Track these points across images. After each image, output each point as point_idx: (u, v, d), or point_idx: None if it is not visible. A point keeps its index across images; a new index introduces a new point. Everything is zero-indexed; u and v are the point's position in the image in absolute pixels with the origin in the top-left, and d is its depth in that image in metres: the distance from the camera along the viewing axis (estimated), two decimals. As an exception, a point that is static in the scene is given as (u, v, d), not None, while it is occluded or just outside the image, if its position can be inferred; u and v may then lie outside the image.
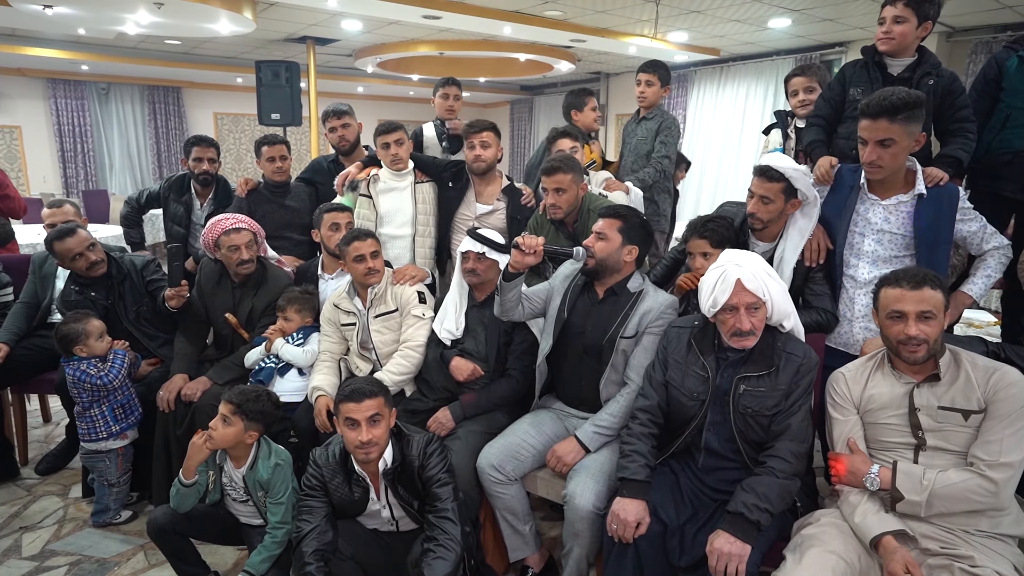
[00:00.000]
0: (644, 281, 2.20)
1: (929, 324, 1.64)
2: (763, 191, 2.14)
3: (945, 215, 2.10)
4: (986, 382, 1.63)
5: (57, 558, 2.48)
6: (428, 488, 1.88)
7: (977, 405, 1.62)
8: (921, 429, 1.67)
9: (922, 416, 1.67)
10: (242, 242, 2.67)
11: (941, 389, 1.67)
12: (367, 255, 2.50)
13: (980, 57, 6.14)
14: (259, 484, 2.08)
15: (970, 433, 1.63)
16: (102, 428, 2.54)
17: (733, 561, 1.63)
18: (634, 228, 2.14)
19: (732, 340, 1.80)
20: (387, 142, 2.89)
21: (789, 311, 1.83)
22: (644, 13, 6.02)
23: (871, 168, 2.07)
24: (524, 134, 12.63)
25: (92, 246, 2.77)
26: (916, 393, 1.69)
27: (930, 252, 2.10)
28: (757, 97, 8.22)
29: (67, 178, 9.69)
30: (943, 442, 1.65)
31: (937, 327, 1.65)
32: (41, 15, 5.43)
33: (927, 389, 1.68)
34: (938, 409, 1.65)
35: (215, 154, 3.51)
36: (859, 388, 1.79)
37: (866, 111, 2.02)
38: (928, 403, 1.67)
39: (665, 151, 3.43)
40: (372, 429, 1.81)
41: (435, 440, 1.96)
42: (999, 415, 1.59)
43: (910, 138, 2.00)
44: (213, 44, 7.69)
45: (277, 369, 2.61)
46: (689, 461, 1.94)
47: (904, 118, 1.96)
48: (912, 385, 1.70)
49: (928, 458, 1.66)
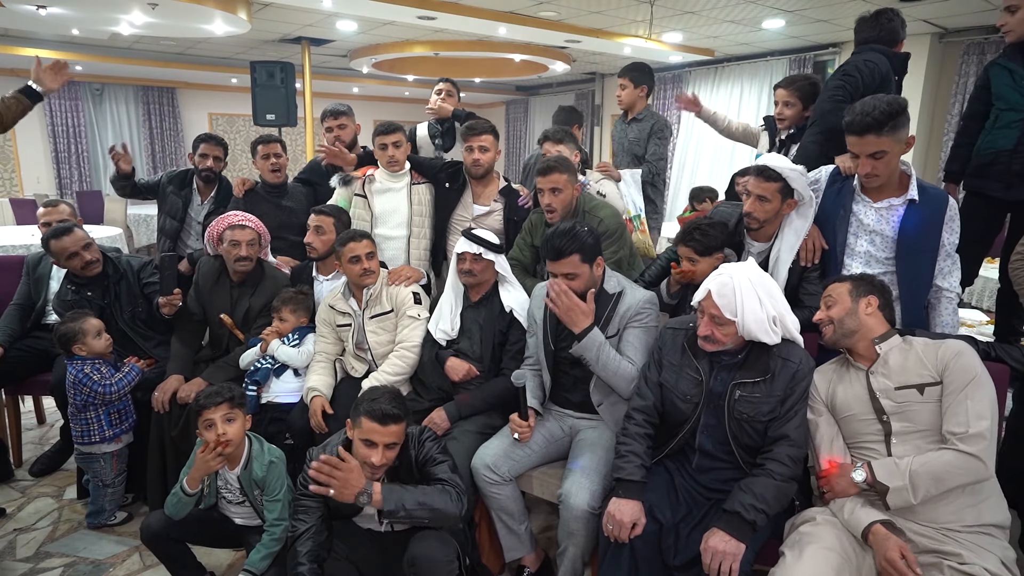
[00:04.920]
0: (620, 279, 2.21)
1: (830, 309, 1.83)
2: (760, 190, 2.15)
3: (933, 222, 2.09)
4: (935, 356, 1.69)
5: (52, 559, 2.47)
6: (425, 470, 1.88)
7: (930, 378, 1.67)
8: (885, 413, 1.71)
9: (882, 400, 1.72)
10: (244, 239, 2.69)
11: (894, 371, 1.73)
12: (362, 256, 2.50)
13: (972, 58, 6.18)
14: (255, 483, 2.08)
15: (931, 407, 1.66)
16: (96, 432, 2.54)
17: (727, 560, 1.63)
18: (588, 247, 2.07)
19: (699, 340, 1.86)
20: (385, 143, 2.89)
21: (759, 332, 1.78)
22: (638, 14, 6.04)
23: (867, 179, 2.09)
24: (520, 134, 12.63)
25: (88, 245, 2.77)
26: (872, 379, 1.75)
27: (912, 257, 2.09)
28: (751, 98, 8.23)
29: (61, 179, 9.66)
30: (908, 423, 1.69)
31: (837, 308, 1.81)
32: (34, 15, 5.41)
33: (880, 374, 1.75)
34: (895, 390, 1.71)
35: (221, 153, 3.52)
36: (825, 385, 1.85)
37: (851, 128, 2.02)
38: (884, 386, 1.73)
39: (660, 152, 3.57)
40: (387, 453, 1.80)
41: (427, 430, 1.99)
42: (955, 387, 1.63)
43: (900, 144, 2.01)
44: (208, 44, 7.67)
45: (273, 370, 2.62)
46: (684, 461, 1.95)
47: (891, 128, 1.96)
48: (864, 371, 1.77)
49: (900, 442, 1.69)
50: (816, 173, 2.32)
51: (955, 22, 6.05)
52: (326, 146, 3.11)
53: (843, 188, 2.20)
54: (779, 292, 1.85)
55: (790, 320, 1.84)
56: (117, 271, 2.87)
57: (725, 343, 1.82)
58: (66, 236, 2.72)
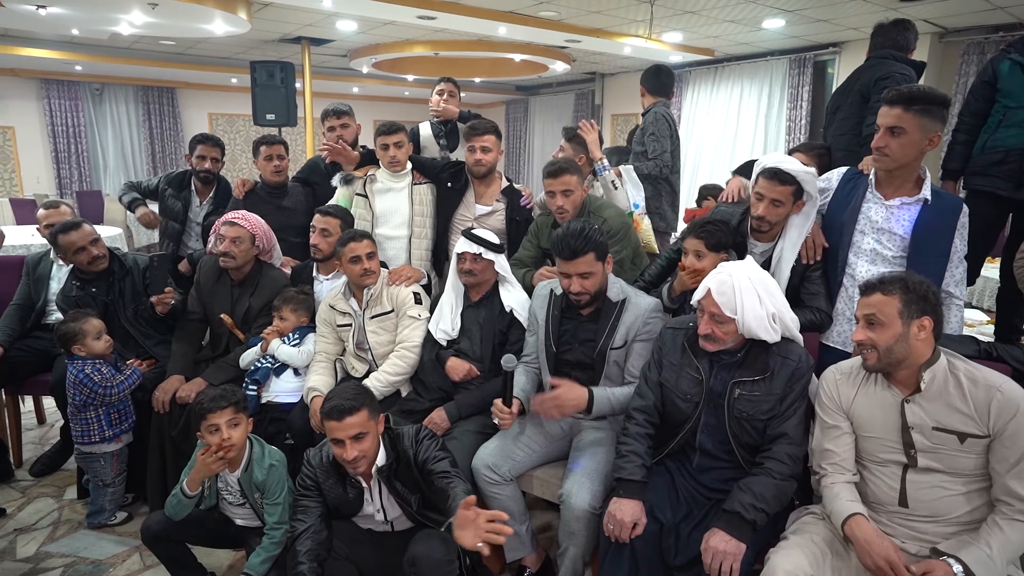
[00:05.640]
0: (622, 286, 2.20)
1: (874, 330, 1.58)
2: (776, 194, 2.11)
3: (945, 225, 2.06)
4: (987, 406, 1.51)
5: (52, 560, 2.47)
6: (426, 468, 1.88)
7: (976, 429, 1.52)
8: (914, 448, 1.58)
9: (915, 435, 1.58)
10: (229, 235, 2.70)
11: (935, 406, 1.57)
12: (363, 256, 2.50)
13: (972, 58, 6.17)
14: (255, 486, 2.08)
15: (969, 457, 1.54)
16: (95, 432, 2.54)
17: (728, 559, 1.63)
18: (601, 245, 2.10)
19: (700, 339, 1.85)
20: (386, 143, 2.88)
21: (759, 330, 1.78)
22: (639, 14, 6.03)
23: (878, 155, 2.05)
24: (520, 134, 12.63)
25: (95, 241, 2.82)
26: (908, 409, 1.60)
27: (923, 258, 2.06)
28: (752, 97, 8.24)
29: (61, 179, 9.65)
30: (935, 462, 1.58)
31: (886, 334, 1.56)
32: (34, 15, 5.40)
33: (918, 405, 1.59)
34: (932, 429, 1.56)
35: (219, 154, 3.51)
36: (849, 393, 1.73)
37: (886, 97, 2.02)
38: (922, 421, 1.58)
39: (658, 146, 3.50)
40: (357, 445, 1.81)
41: (425, 428, 1.99)
42: (1016, 445, 1.48)
43: (922, 133, 1.96)
44: (208, 44, 7.67)
45: (273, 369, 2.62)
46: (684, 461, 1.95)
47: (919, 110, 1.93)
48: (901, 399, 1.62)
49: (918, 475, 1.60)
50: (826, 177, 2.30)
51: (955, 22, 6.05)
52: (329, 144, 3.09)
53: (857, 185, 2.18)
54: (778, 290, 1.85)
55: (789, 318, 1.84)
56: (123, 268, 2.89)
57: (726, 341, 1.82)
58: (74, 231, 2.76)
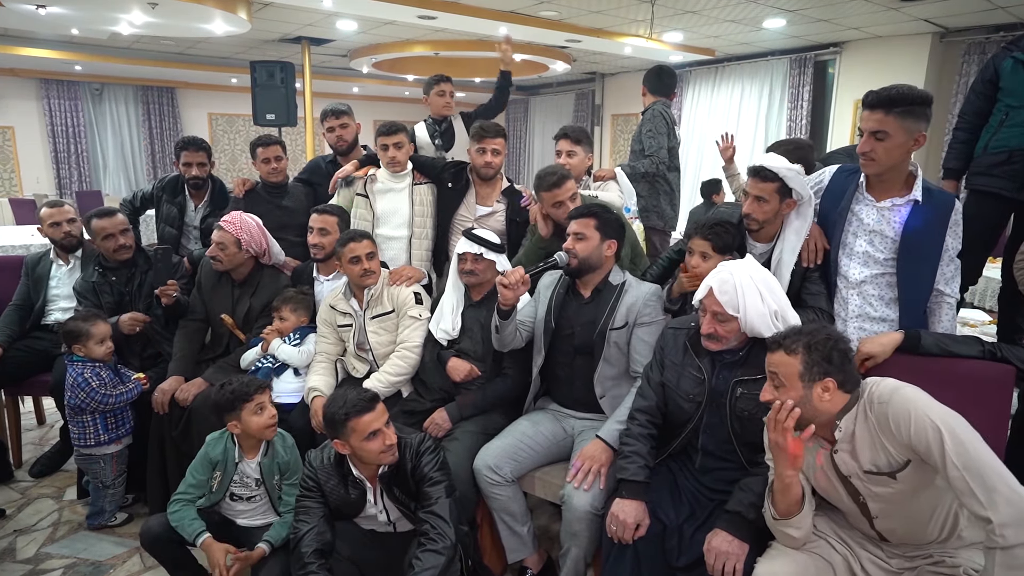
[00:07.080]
0: (624, 273, 2.26)
1: (779, 390, 1.53)
2: (758, 191, 2.12)
3: (937, 224, 2.04)
4: (890, 428, 1.44)
5: (52, 561, 2.47)
6: (420, 487, 1.87)
7: (899, 458, 1.46)
8: (860, 495, 1.55)
9: (855, 482, 1.54)
10: (215, 239, 2.73)
11: (859, 448, 1.51)
12: (363, 256, 2.49)
13: (973, 58, 6.17)
14: (278, 467, 2.11)
15: (911, 489, 1.47)
16: (91, 436, 2.54)
17: (731, 560, 1.63)
18: (609, 224, 2.19)
19: (703, 339, 1.85)
20: (386, 144, 2.87)
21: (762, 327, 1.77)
22: (639, 13, 6.04)
23: (865, 161, 2.04)
24: (520, 134, 12.64)
25: (125, 231, 2.89)
26: (838, 460, 1.55)
27: (913, 261, 2.05)
28: (752, 97, 8.24)
29: (60, 179, 9.65)
30: (888, 504, 1.53)
31: (789, 395, 1.50)
32: (34, 15, 5.40)
33: (845, 451, 1.54)
34: (865, 474, 1.52)
35: (205, 158, 3.42)
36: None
37: (866, 101, 2.00)
38: (853, 469, 1.54)
39: (655, 142, 3.50)
40: (389, 429, 1.83)
41: (428, 439, 1.95)
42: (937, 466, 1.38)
43: (906, 135, 1.94)
44: (208, 44, 7.67)
45: (273, 369, 2.61)
46: (687, 461, 1.95)
47: (901, 112, 1.91)
48: (830, 452, 1.57)
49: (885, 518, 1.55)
50: (819, 174, 2.30)
51: (956, 22, 6.05)
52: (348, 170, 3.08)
53: (847, 186, 2.17)
54: (779, 287, 1.85)
55: (791, 315, 1.83)
56: (147, 262, 2.94)
57: (728, 340, 1.81)
58: (108, 217, 2.86)
